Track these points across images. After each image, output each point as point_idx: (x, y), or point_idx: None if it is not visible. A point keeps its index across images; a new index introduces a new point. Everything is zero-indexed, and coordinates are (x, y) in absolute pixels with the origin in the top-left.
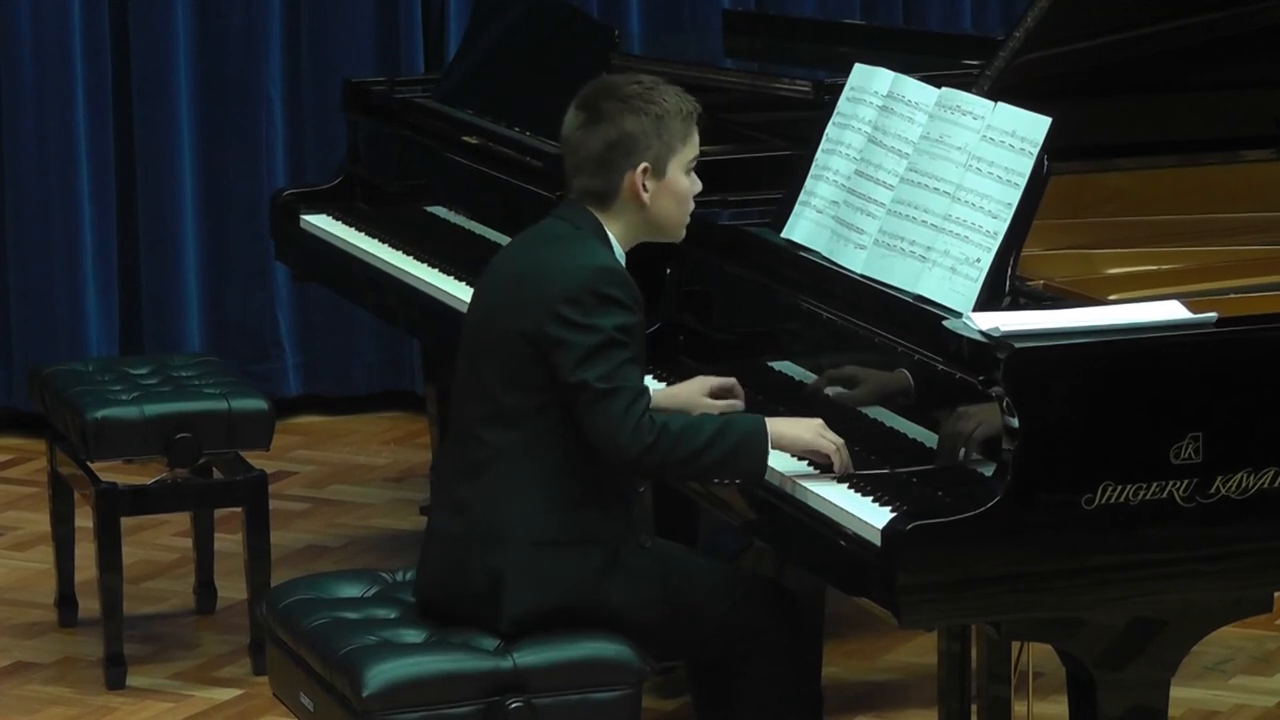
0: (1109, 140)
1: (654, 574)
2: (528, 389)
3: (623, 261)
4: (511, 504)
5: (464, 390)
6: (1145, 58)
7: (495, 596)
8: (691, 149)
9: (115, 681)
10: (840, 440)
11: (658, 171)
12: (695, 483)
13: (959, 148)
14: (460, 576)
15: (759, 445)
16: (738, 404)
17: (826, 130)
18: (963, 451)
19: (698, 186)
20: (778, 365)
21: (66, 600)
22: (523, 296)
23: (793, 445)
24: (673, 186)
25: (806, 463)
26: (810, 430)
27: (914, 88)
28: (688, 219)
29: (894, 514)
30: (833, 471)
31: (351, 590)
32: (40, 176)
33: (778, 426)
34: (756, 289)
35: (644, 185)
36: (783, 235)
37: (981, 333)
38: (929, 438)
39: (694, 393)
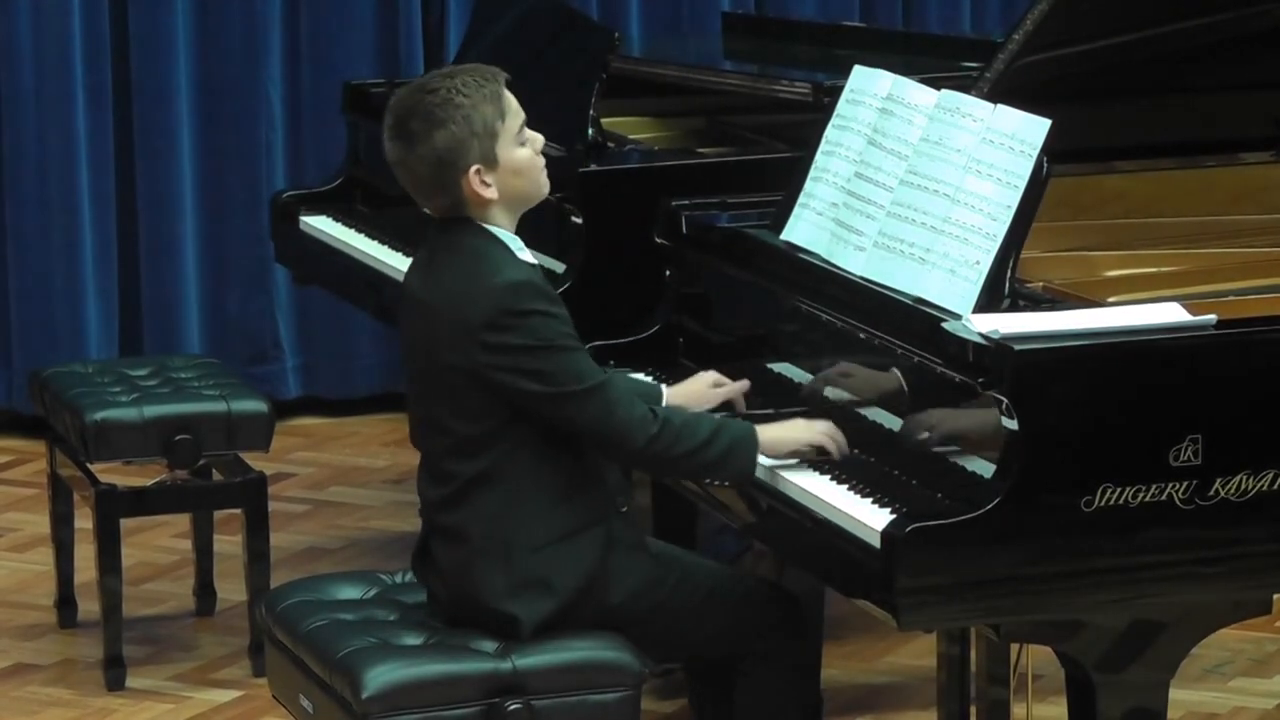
0: (1108, 142)
1: (653, 576)
2: (481, 417)
3: (517, 249)
4: (504, 524)
5: (421, 424)
6: (1145, 60)
7: (510, 613)
8: (513, 119)
9: (115, 683)
10: (827, 426)
11: (489, 163)
12: (688, 481)
13: (958, 150)
14: (471, 600)
15: (750, 449)
16: (741, 386)
17: (826, 132)
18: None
19: (539, 142)
20: (777, 367)
21: (66, 602)
22: (441, 331)
23: (782, 446)
24: (511, 166)
25: (806, 462)
26: (797, 429)
27: (913, 90)
28: (542, 173)
29: (893, 516)
30: (830, 464)
31: (351, 592)
32: (40, 178)
33: (766, 432)
34: (755, 291)
35: (483, 183)
36: (782, 237)
37: (981, 335)
38: None
39: (703, 386)
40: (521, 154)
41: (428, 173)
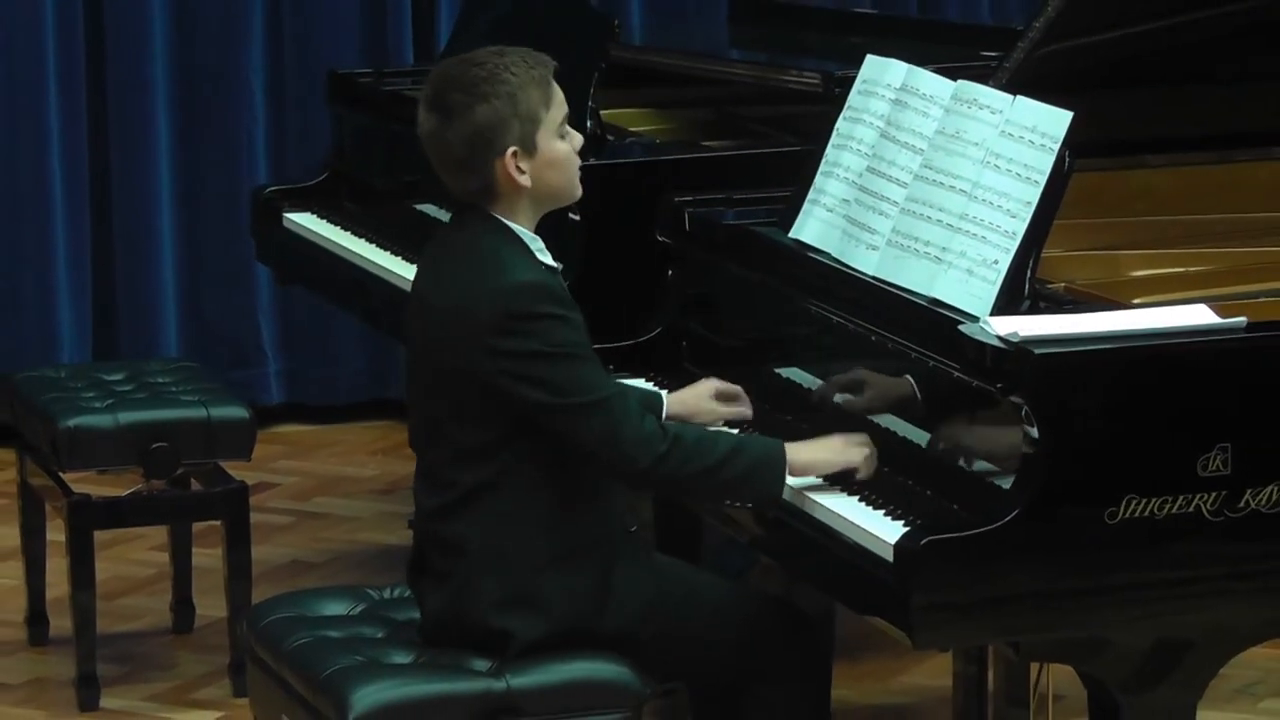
0: (1134, 135)
1: (656, 593)
2: (486, 424)
3: (537, 249)
4: (504, 537)
5: (422, 431)
6: (1174, 48)
7: (502, 629)
8: (558, 110)
9: (88, 703)
10: (864, 439)
11: (527, 149)
12: (707, 503)
13: (976, 143)
14: (464, 613)
15: (776, 469)
16: (745, 411)
17: (837, 125)
18: (955, 454)
19: (578, 141)
20: (785, 372)
21: (37, 618)
22: (448, 332)
23: (814, 469)
24: (548, 157)
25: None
26: (832, 451)
27: (929, 81)
28: (578, 177)
29: (907, 528)
30: (853, 481)
31: (336, 608)
32: (10, 172)
33: (797, 452)
34: (763, 292)
35: (518, 169)
36: (790, 235)
37: (999, 338)
38: None
39: (701, 396)
40: (561, 147)
41: (462, 150)
